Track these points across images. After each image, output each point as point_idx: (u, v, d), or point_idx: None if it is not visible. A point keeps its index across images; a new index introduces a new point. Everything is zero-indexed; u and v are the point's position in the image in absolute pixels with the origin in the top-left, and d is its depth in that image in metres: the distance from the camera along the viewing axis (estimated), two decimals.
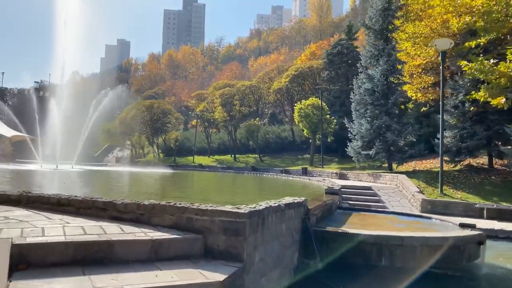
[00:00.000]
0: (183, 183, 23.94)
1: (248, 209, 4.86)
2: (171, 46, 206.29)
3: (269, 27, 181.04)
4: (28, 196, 6.14)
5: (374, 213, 11.06)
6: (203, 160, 54.55)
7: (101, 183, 21.48)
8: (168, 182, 25.46)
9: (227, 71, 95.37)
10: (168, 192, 16.29)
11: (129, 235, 4.52)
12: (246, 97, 52.57)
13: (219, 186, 22.00)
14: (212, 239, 4.69)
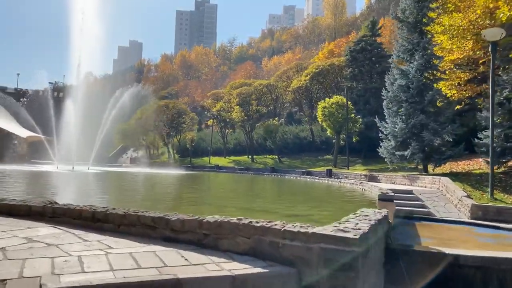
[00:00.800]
0: (209, 187, 22.60)
1: (358, 232, 3.55)
2: (183, 46, 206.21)
3: (282, 27, 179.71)
4: (54, 208, 4.92)
5: (440, 222, 9.65)
6: (219, 161, 53.40)
7: (123, 185, 20.33)
8: (191, 184, 24.20)
9: (241, 71, 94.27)
10: (199, 198, 15.00)
11: (198, 269, 3.27)
12: (263, 96, 51.29)
13: (249, 190, 20.65)
14: (310, 274, 3.39)
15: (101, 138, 40.75)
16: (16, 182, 19.49)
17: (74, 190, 16.48)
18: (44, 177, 24.68)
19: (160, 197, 15.50)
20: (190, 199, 14.99)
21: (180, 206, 11.87)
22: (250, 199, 14.83)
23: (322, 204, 13.36)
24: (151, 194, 17.25)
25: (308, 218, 9.64)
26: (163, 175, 33.29)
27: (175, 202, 13.34)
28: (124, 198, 13.51)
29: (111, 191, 17.20)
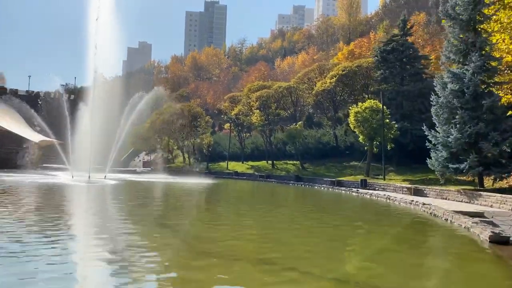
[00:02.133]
0: (248, 204, 20.11)
1: None
2: (193, 47, 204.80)
3: (293, 27, 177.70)
4: None
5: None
6: (237, 167, 51.30)
7: (157, 205, 17.92)
8: (228, 200, 21.77)
9: (254, 72, 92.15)
10: (259, 228, 12.66)
11: None
12: (282, 99, 49.10)
13: (297, 209, 18.32)
14: None
15: (119, 145, 39.03)
16: (27, 211, 17.45)
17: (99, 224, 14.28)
18: (60, 196, 22.72)
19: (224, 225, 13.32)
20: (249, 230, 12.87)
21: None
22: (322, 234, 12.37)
23: (414, 251, 10.65)
24: (200, 215, 15.18)
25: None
26: (189, 186, 31.17)
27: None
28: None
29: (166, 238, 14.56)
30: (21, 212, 14.05)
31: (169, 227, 12.16)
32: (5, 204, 15.97)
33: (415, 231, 13.81)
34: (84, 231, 11.29)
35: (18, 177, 30.92)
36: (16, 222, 11.92)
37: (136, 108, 39.00)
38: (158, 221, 13.35)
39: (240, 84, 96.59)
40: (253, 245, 10.10)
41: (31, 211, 14.50)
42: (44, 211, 14.70)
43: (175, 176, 44.37)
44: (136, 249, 8.95)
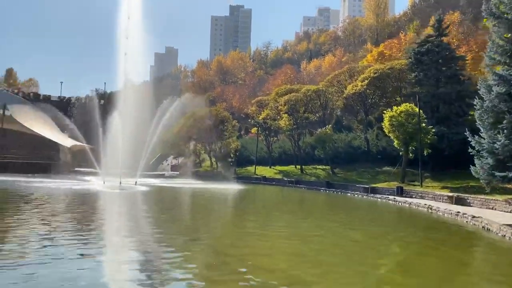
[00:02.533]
0: (281, 212, 19.27)
1: None
2: (218, 52, 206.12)
3: (318, 29, 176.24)
4: None
5: None
6: (264, 172, 50.71)
7: (188, 215, 17.45)
8: (260, 208, 20.98)
9: (281, 75, 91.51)
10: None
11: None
12: (310, 103, 48.20)
13: (335, 220, 17.45)
14: None
15: (149, 150, 39.33)
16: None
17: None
18: (93, 201, 22.80)
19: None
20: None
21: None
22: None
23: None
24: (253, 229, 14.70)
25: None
26: (221, 192, 30.87)
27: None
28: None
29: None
30: (56, 226, 13.99)
31: (201, 239, 11.73)
32: (43, 215, 16.02)
33: (481, 254, 12.52)
34: (118, 244, 11.02)
35: (52, 183, 31.42)
36: (51, 234, 11.78)
37: (167, 113, 39.26)
38: (190, 233, 12.96)
39: (266, 87, 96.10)
40: (286, 263, 9.42)
41: (67, 222, 14.44)
42: (79, 222, 14.62)
43: (204, 181, 44.27)
44: (167, 263, 8.68)
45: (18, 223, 13.48)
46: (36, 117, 58.58)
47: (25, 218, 14.74)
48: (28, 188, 25.56)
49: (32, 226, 12.91)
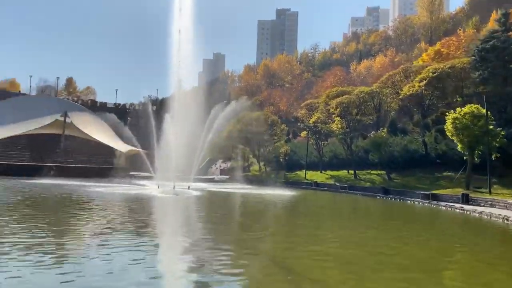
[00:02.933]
0: (340, 221, 18.14)
1: None
2: (265, 56, 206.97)
3: (367, 29, 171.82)
4: None
5: None
6: (315, 176, 49.62)
7: (244, 222, 16.88)
8: (317, 217, 19.74)
9: (330, 77, 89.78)
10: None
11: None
12: (363, 105, 46.58)
13: (399, 230, 15.62)
14: None
15: (201, 154, 39.93)
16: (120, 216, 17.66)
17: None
18: (150, 207, 23.16)
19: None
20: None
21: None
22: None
23: None
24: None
25: None
26: (273, 198, 30.40)
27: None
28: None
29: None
30: (112, 229, 14.13)
31: (262, 253, 11.21)
32: (101, 220, 16.33)
33: None
34: (174, 254, 10.82)
35: (111, 187, 32.47)
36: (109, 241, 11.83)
37: (218, 118, 39.69)
38: (247, 242, 12.51)
39: (315, 90, 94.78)
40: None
41: (126, 228, 14.57)
42: (137, 227, 14.71)
43: (253, 185, 44.09)
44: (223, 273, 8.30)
45: (84, 227, 13.79)
46: (94, 124, 61.52)
47: (93, 224, 15.09)
48: (89, 193, 26.47)
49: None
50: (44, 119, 56.99)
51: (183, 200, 25.73)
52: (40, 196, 24.39)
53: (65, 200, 22.92)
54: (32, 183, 34.33)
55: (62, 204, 21.51)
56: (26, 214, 16.77)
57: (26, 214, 16.77)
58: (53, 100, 74.23)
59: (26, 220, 14.97)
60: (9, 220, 14.53)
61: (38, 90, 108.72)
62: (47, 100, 73.22)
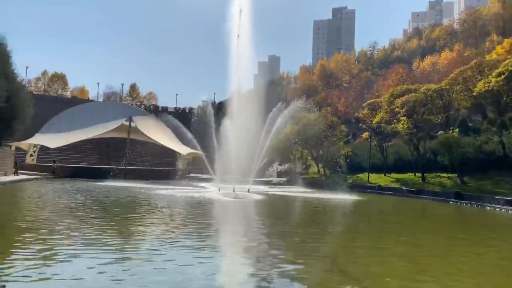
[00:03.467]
0: (420, 231, 16.17)
1: None
2: (321, 56, 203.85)
3: (430, 24, 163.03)
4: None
5: None
6: (379, 180, 47.23)
7: (314, 232, 15.76)
8: (397, 228, 17.85)
9: (391, 75, 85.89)
10: None
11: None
12: (430, 103, 43.48)
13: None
14: None
15: (261, 156, 39.67)
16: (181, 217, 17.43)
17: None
18: (211, 210, 22.94)
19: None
20: None
21: None
22: None
23: None
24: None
25: None
26: (339, 203, 29.16)
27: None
28: None
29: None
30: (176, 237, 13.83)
31: (345, 271, 10.20)
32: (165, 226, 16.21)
33: None
34: (239, 260, 10.19)
35: (171, 189, 33.00)
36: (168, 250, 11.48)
37: (278, 119, 39.20)
38: (319, 255, 11.54)
39: (375, 89, 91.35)
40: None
41: (191, 233, 14.27)
42: (203, 232, 14.37)
43: (314, 189, 42.86)
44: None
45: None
46: (156, 127, 63.63)
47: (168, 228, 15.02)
48: (154, 196, 26.91)
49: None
50: (110, 124, 59.86)
51: (245, 204, 25.28)
52: (107, 199, 25.15)
53: (131, 203, 23.38)
54: (100, 185, 35.84)
55: (129, 207, 21.91)
56: (96, 216, 17.21)
57: (96, 216, 17.21)
58: (118, 105, 78.21)
59: (94, 223, 15.26)
60: (80, 219, 14.89)
61: (104, 97, 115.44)
62: (112, 105, 77.30)
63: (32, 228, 12.89)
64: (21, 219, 14.97)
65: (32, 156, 57.73)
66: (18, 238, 11.34)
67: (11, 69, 45.85)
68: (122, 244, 11.39)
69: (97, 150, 74.17)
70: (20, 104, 44.90)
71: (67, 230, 12.90)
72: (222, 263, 10.27)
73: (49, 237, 11.66)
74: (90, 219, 16.12)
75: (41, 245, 10.50)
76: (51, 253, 9.72)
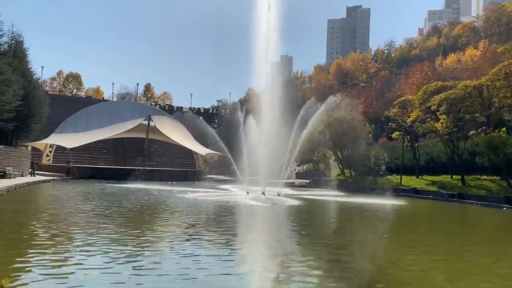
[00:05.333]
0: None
1: None
2: (335, 55, 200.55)
3: (449, 22, 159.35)
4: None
5: None
6: (411, 182, 44.43)
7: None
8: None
9: (416, 73, 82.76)
10: None
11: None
12: (468, 100, 40.69)
13: None
14: None
15: (293, 157, 37.71)
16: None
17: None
18: (249, 218, 20.57)
19: None
20: None
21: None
22: None
23: None
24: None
25: None
26: (381, 208, 26.60)
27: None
28: None
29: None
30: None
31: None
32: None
33: None
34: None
35: (197, 192, 30.81)
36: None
37: (316, 115, 37.22)
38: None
39: (398, 87, 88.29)
40: None
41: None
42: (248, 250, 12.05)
43: (344, 192, 40.39)
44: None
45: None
46: (174, 127, 61.60)
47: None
48: (182, 201, 24.66)
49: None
50: (127, 124, 57.97)
51: (288, 211, 22.60)
52: (139, 203, 22.91)
53: (164, 210, 21.06)
54: (124, 187, 33.82)
55: (162, 215, 19.62)
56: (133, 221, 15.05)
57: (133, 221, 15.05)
58: (134, 104, 76.42)
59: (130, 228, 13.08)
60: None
61: (119, 97, 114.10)
62: (129, 105, 75.53)
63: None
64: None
65: (48, 157, 56.18)
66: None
67: (28, 67, 44.28)
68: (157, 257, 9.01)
69: (112, 151, 72.54)
70: (37, 103, 43.26)
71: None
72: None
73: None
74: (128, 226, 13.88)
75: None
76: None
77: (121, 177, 44.66)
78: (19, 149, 41.20)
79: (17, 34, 42.67)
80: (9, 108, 33.34)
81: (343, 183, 50.84)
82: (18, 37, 42.97)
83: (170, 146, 63.98)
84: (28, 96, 39.45)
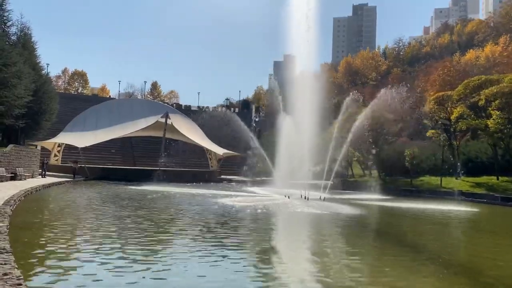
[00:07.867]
0: None
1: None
2: (341, 54, 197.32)
3: (460, 19, 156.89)
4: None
5: None
6: (451, 184, 41.12)
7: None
8: None
9: (438, 69, 79.69)
10: None
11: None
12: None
13: None
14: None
15: (340, 158, 35.13)
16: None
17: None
18: (311, 230, 17.16)
19: None
20: None
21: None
22: None
23: None
24: None
25: None
26: (453, 216, 23.21)
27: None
28: None
29: None
30: None
31: None
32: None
33: None
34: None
35: (229, 196, 27.45)
36: None
37: (360, 118, 34.58)
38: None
39: (416, 84, 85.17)
40: None
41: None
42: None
43: (384, 195, 37.21)
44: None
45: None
46: (188, 126, 58.33)
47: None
48: (221, 209, 21.11)
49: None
50: (140, 122, 54.61)
51: (357, 221, 19.06)
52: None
53: (209, 226, 17.64)
54: (151, 190, 30.48)
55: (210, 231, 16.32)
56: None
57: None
58: (144, 102, 72.96)
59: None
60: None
61: (125, 95, 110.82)
62: (139, 102, 72.09)
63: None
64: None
65: (56, 156, 52.88)
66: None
67: (37, 60, 41.02)
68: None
69: (120, 150, 69.29)
70: (47, 99, 39.98)
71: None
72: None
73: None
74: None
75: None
76: None
77: (135, 178, 41.45)
78: (29, 149, 37.88)
79: (26, 26, 39.45)
80: (20, 103, 30.10)
81: (372, 185, 47.48)
82: (26, 29, 39.74)
83: (185, 145, 60.78)
84: (39, 91, 36.21)
